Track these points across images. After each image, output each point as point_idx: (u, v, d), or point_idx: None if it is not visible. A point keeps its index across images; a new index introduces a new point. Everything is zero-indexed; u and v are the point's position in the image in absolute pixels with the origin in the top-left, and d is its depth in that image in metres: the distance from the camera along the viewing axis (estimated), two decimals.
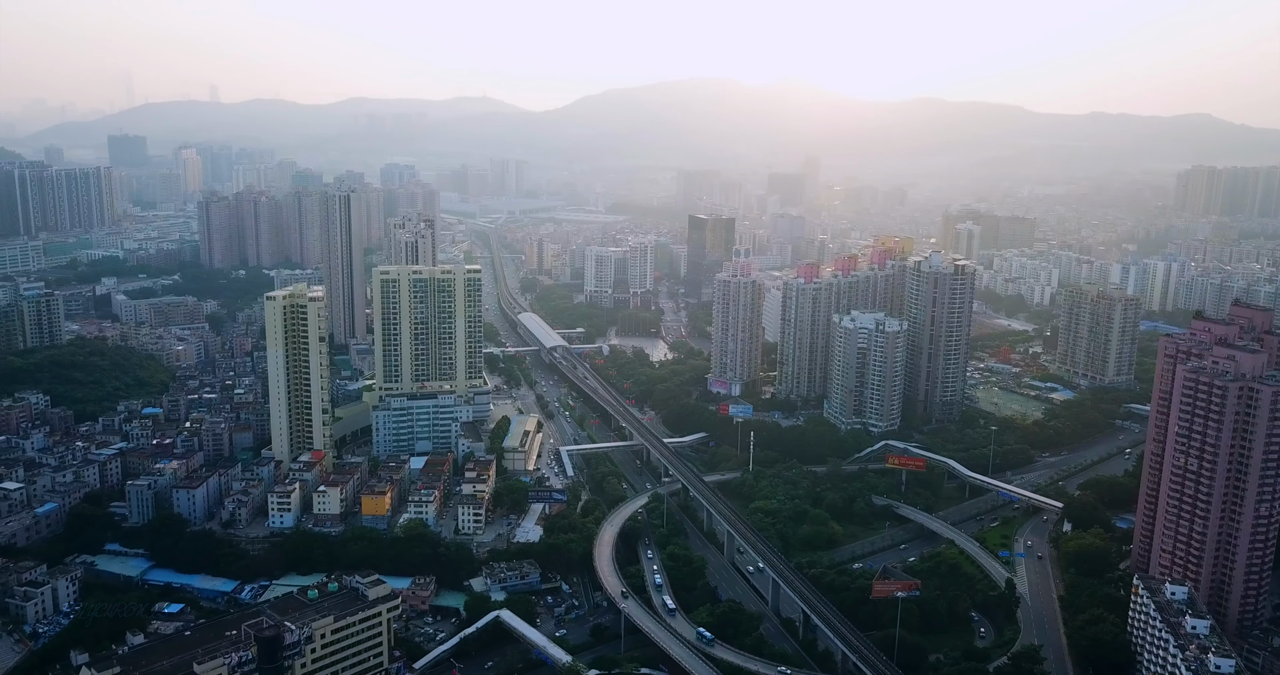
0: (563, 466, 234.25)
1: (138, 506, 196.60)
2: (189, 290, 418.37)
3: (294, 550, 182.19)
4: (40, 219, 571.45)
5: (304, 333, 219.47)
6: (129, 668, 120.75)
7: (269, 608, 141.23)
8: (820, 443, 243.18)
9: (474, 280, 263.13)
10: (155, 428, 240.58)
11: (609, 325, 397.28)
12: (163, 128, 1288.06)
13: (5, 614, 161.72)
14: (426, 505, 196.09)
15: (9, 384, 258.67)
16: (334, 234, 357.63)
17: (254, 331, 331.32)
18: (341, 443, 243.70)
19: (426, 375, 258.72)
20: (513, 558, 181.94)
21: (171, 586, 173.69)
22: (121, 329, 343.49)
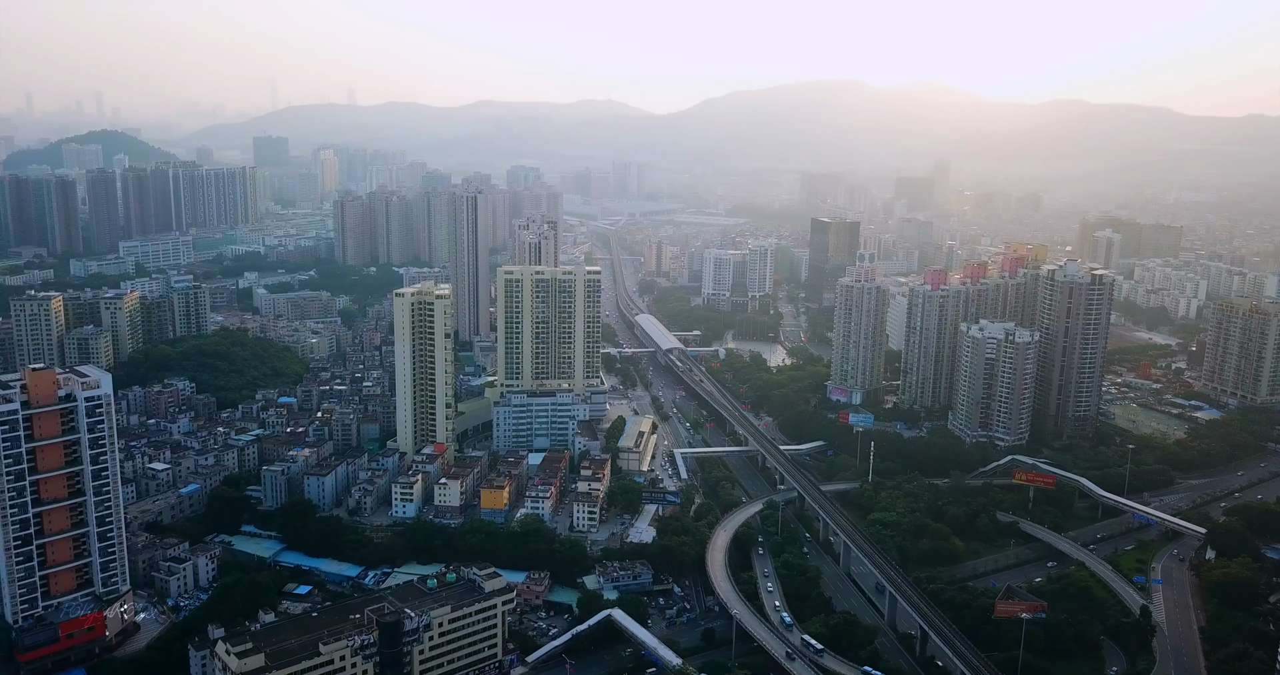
0: (677, 469, 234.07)
1: (272, 491, 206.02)
2: (324, 285, 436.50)
3: (415, 540, 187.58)
4: (191, 215, 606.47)
5: (430, 329, 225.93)
6: (261, 643, 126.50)
7: (390, 594, 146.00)
8: (943, 455, 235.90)
9: (594, 281, 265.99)
10: (289, 416, 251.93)
11: (726, 329, 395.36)
12: (303, 130, 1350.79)
13: (151, 587, 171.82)
14: (543, 501, 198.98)
15: (160, 371, 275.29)
16: (461, 233, 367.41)
17: (383, 326, 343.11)
18: (463, 437, 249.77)
19: (546, 373, 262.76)
20: (625, 557, 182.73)
21: (301, 569, 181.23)
22: (261, 321, 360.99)
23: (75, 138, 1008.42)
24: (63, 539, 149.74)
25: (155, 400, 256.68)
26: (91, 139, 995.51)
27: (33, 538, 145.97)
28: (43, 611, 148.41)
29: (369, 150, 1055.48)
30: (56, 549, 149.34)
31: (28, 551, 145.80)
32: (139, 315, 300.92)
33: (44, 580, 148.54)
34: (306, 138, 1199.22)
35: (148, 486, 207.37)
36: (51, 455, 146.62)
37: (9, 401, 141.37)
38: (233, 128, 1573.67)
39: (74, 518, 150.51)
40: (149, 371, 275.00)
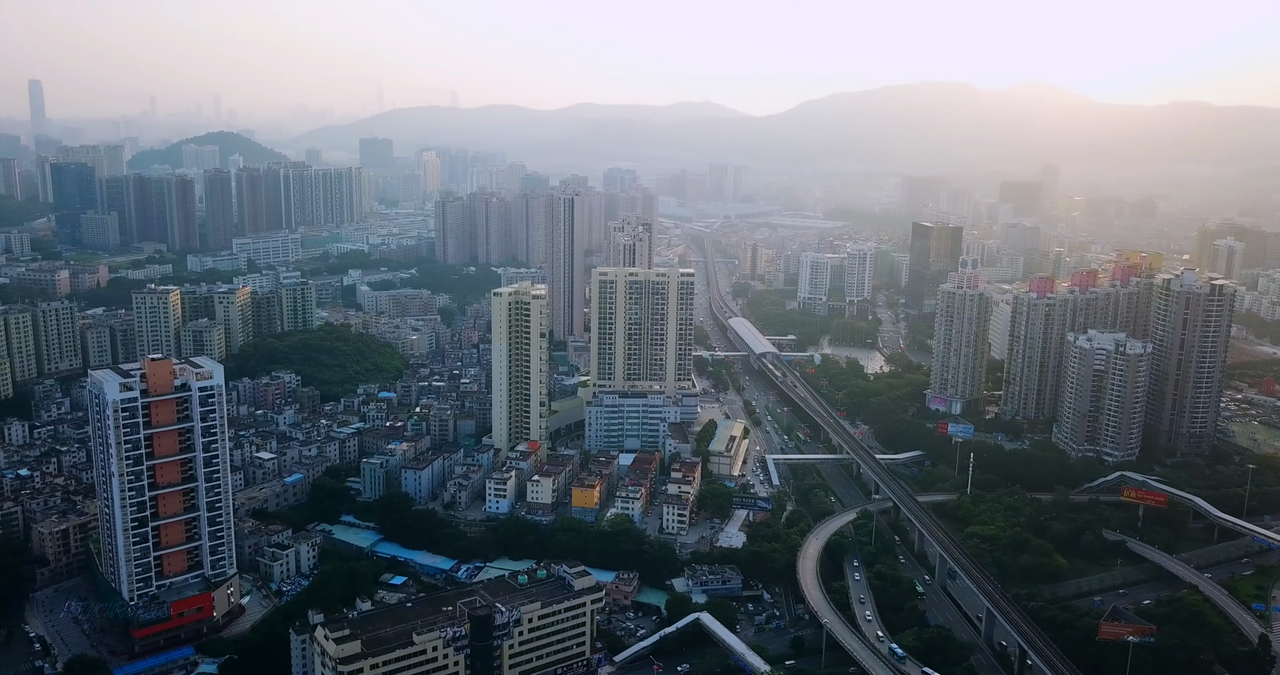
0: (768, 475, 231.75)
1: (370, 483, 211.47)
2: (424, 284, 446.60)
3: (507, 535, 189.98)
4: (299, 214, 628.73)
5: (526, 328, 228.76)
6: (357, 631, 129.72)
7: (482, 588, 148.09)
8: (1046, 469, 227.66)
9: (687, 283, 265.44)
10: (389, 411, 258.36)
11: (822, 333, 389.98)
12: (408, 131, 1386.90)
13: (256, 571, 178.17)
14: (633, 502, 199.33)
15: (268, 363, 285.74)
16: (557, 235, 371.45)
17: (481, 325, 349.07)
18: (556, 435, 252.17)
19: (638, 375, 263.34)
20: (715, 561, 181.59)
21: (397, 560, 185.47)
22: (364, 317, 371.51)
23: (194, 139, 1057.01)
24: (175, 522, 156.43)
25: (263, 392, 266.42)
26: (209, 140, 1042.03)
27: (148, 519, 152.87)
28: (156, 590, 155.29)
29: (470, 152, 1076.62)
30: (170, 531, 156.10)
31: (144, 533, 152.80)
32: (250, 310, 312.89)
33: (158, 561, 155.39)
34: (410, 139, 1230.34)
35: (254, 475, 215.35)
36: (167, 442, 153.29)
37: (130, 389, 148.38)
38: (341, 129, 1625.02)
39: (186, 502, 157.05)
40: (258, 364, 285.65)
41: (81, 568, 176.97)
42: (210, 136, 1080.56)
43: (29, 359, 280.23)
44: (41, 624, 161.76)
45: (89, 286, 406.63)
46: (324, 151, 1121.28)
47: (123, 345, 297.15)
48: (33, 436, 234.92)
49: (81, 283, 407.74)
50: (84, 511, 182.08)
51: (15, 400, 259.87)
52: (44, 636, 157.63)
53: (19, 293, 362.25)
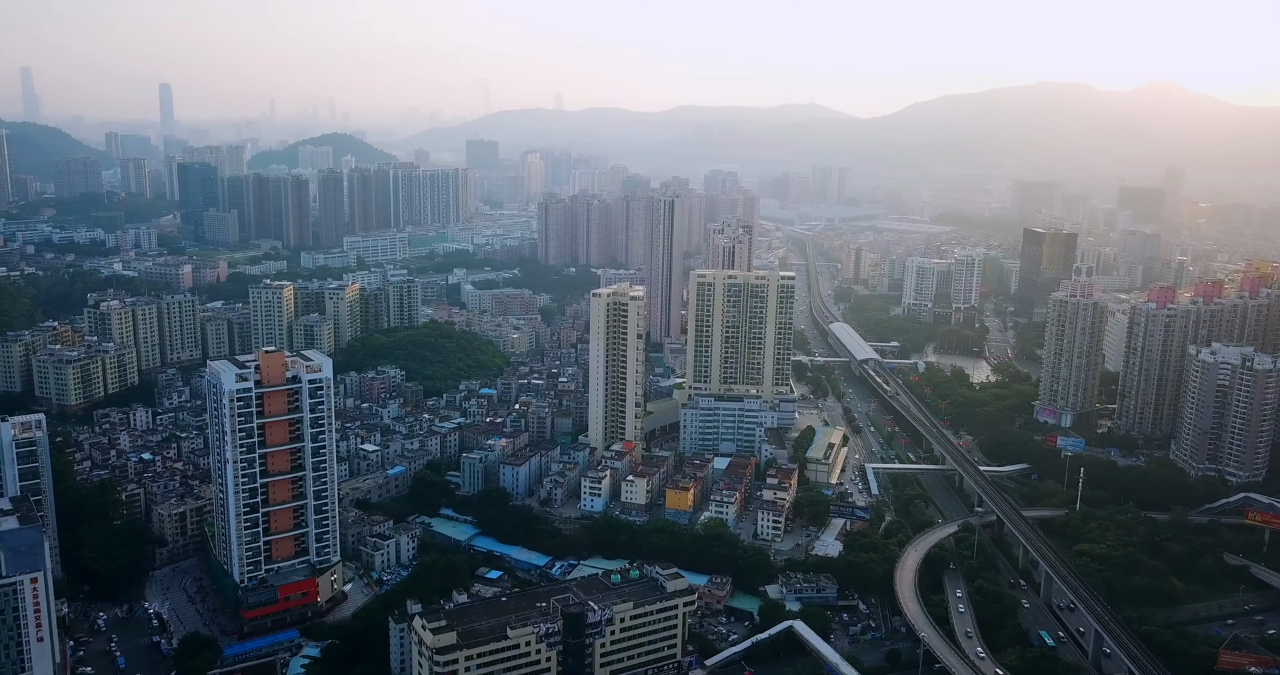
0: (867, 484, 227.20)
1: (469, 477, 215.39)
2: (525, 283, 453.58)
3: (601, 534, 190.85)
4: (408, 214, 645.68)
5: (623, 329, 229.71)
6: (454, 622, 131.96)
7: (576, 586, 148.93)
8: (1163, 487, 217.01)
9: (787, 287, 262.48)
10: (489, 407, 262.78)
11: (926, 341, 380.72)
12: (513, 134, 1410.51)
13: (358, 560, 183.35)
14: (728, 506, 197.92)
15: (374, 358, 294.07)
16: (657, 237, 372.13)
17: (579, 325, 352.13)
18: (651, 436, 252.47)
19: (735, 378, 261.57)
20: (810, 569, 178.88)
21: (493, 554, 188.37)
22: (467, 315, 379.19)
23: (310, 140, 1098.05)
24: (284, 509, 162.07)
25: (369, 385, 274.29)
26: (324, 141, 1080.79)
27: (259, 506, 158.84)
28: (265, 574, 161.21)
29: (573, 154, 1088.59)
30: (278, 518, 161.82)
31: (254, 518, 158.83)
32: (358, 306, 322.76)
33: (267, 546, 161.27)
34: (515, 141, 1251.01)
35: (359, 466, 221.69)
36: (278, 431, 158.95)
37: (245, 380, 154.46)
38: (448, 131, 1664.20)
39: (294, 490, 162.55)
40: (365, 358, 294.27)
41: (197, 549, 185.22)
42: (325, 138, 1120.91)
43: (154, 349, 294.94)
44: (159, 601, 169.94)
45: (209, 281, 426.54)
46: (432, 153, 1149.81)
47: (239, 337, 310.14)
48: (155, 422, 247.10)
49: (203, 277, 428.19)
50: (200, 496, 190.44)
51: (140, 388, 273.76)
52: (161, 613, 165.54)
53: (146, 286, 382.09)
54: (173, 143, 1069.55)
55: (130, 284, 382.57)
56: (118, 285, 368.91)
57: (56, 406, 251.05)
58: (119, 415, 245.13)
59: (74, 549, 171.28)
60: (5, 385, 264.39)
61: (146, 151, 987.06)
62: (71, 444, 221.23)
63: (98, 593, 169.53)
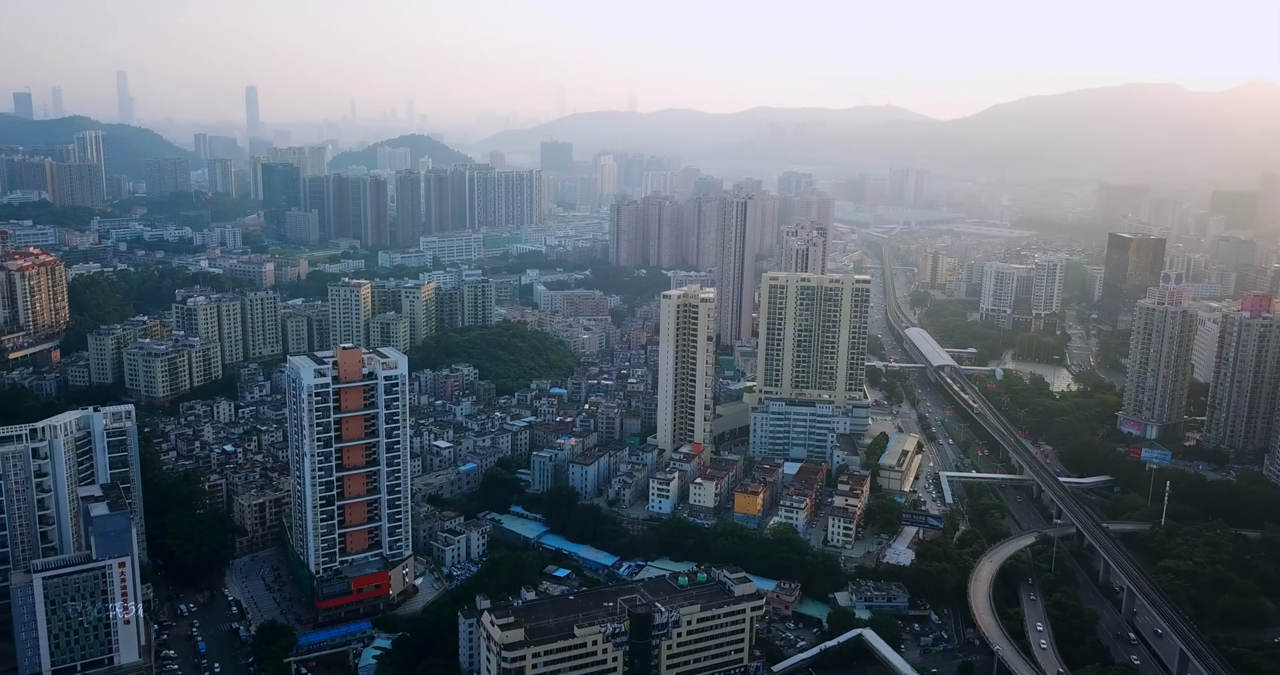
0: (941, 492, 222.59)
1: (539, 476, 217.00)
2: (597, 284, 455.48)
3: (669, 536, 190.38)
4: (482, 215, 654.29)
5: (694, 331, 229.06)
6: (522, 619, 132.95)
7: (643, 587, 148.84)
8: (1255, 503, 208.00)
9: (862, 291, 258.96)
10: (559, 406, 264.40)
11: (1005, 348, 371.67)
12: (586, 136, 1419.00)
13: (429, 554, 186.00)
14: (797, 511, 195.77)
15: (448, 356, 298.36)
16: (729, 239, 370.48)
17: (649, 326, 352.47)
18: (720, 439, 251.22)
19: (806, 383, 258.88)
20: (880, 577, 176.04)
21: (561, 553, 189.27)
22: (539, 315, 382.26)
23: (388, 141, 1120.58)
24: (358, 503, 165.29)
25: (443, 383, 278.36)
26: (402, 143, 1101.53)
27: (335, 498, 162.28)
28: (339, 566, 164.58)
29: (646, 156, 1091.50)
30: (353, 511, 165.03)
31: (330, 510, 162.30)
32: (433, 304, 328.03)
33: (341, 538, 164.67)
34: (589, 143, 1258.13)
35: (431, 462, 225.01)
36: (354, 426, 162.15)
37: (323, 375, 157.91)
38: (523, 133, 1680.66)
39: (369, 484, 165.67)
40: (439, 356, 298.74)
41: (275, 539, 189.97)
42: (403, 139, 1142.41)
43: (237, 344, 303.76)
44: (239, 589, 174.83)
45: (290, 278, 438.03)
46: (507, 155, 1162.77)
47: (318, 334, 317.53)
48: (238, 415, 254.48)
49: (284, 275, 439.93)
50: (279, 487, 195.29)
51: (224, 381, 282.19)
52: (240, 600, 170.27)
53: (230, 282, 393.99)
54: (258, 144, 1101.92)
55: (216, 281, 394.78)
56: (204, 282, 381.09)
57: (145, 398, 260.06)
58: (203, 408, 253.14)
59: (159, 536, 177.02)
60: (98, 377, 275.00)
61: (233, 152, 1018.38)
62: (158, 435, 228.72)
63: (181, 579, 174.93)
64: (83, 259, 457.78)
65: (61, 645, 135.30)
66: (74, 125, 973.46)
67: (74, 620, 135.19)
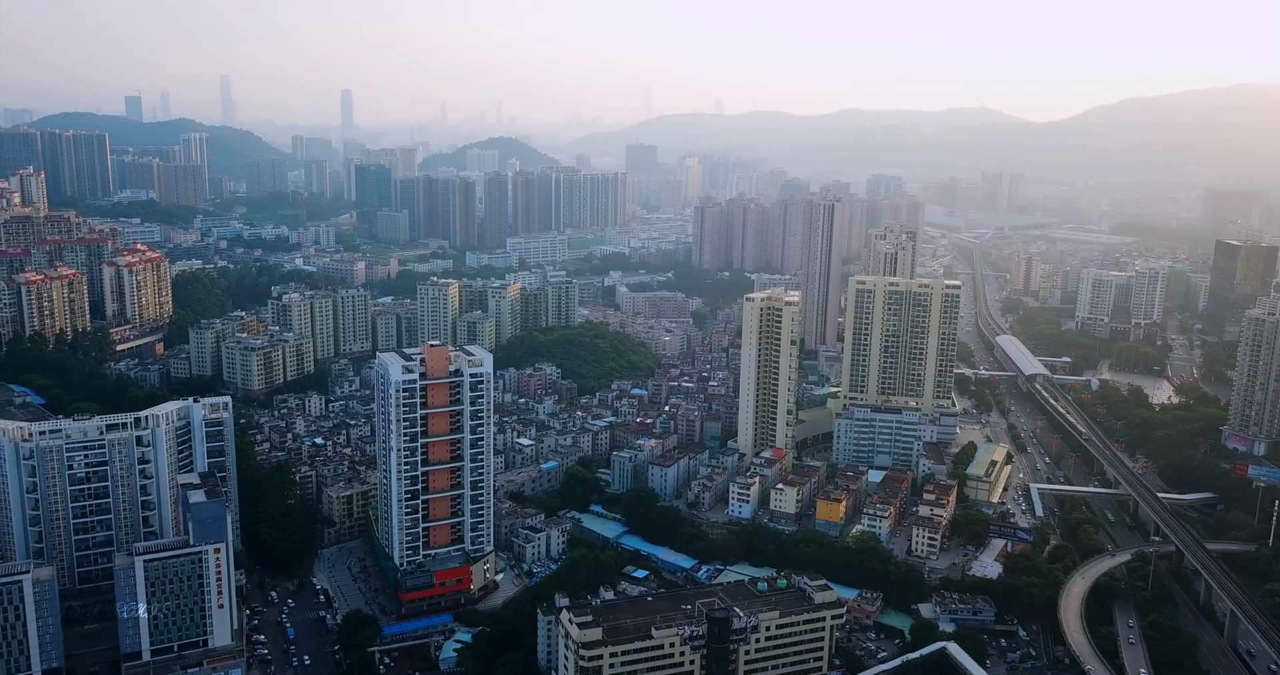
0: (1031, 505, 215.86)
1: (619, 476, 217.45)
2: (679, 287, 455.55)
3: (749, 540, 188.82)
4: (568, 216, 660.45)
5: (777, 335, 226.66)
6: (600, 618, 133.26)
7: (722, 590, 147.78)
8: None
9: (952, 296, 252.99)
10: (640, 407, 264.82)
11: (1101, 357, 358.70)
12: (672, 138, 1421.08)
13: (509, 551, 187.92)
14: (881, 520, 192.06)
15: (532, 355, 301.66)
16: (815, 242, 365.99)
17: (731, 329, 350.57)
18: (802, 445, 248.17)
19: (893, 389, 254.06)
20: (966, 590, 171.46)
21: (640, 553, 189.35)
22: (621, 317, 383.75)
23: (477, 143, 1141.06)
24: (442, 497, 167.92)
25: (526, 382, 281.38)
26: (490, 145, 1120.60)
27: (419, 493, 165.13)
28: (422, 559, 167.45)
29: (731, 158, 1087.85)
30: (437, 506, 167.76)
31: (415, 505, 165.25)
32: (518, 304, 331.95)
33: (425, 532, 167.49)
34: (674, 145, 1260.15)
35: (514, 459, 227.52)
36: (439, 422, 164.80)
37: (410, 372, 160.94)
38: (609, 136, 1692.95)
39: (453, 479, 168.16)
40: (523, 355, 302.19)
41: (361, 531, 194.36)
42: (491, 141, 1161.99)
43: (328, 340, 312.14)
44: (326, 578, 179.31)
45: (381, 277, 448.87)
46: (593, 157, 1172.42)
47: (407, 331, 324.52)
48: (328, 409, 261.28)
49: (375, 273, 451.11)
50: (366, 481, 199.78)
51: (315, 376, 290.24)
52: (327, 589, 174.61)
53: (323, 280, 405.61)
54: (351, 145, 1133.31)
55: (309, 278, 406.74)
56: (298, 279, 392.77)
57: (241, 390, 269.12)
58: (295, 401, 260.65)
59: (252, 524, 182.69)
60: (198, 369, 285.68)
61: (328, 154, 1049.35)
62: (253, 426, 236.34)
63: (272, 567, 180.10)
64: (186, 256, 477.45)
65: (160, 626, 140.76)
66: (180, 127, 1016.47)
67: (171, 602, 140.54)
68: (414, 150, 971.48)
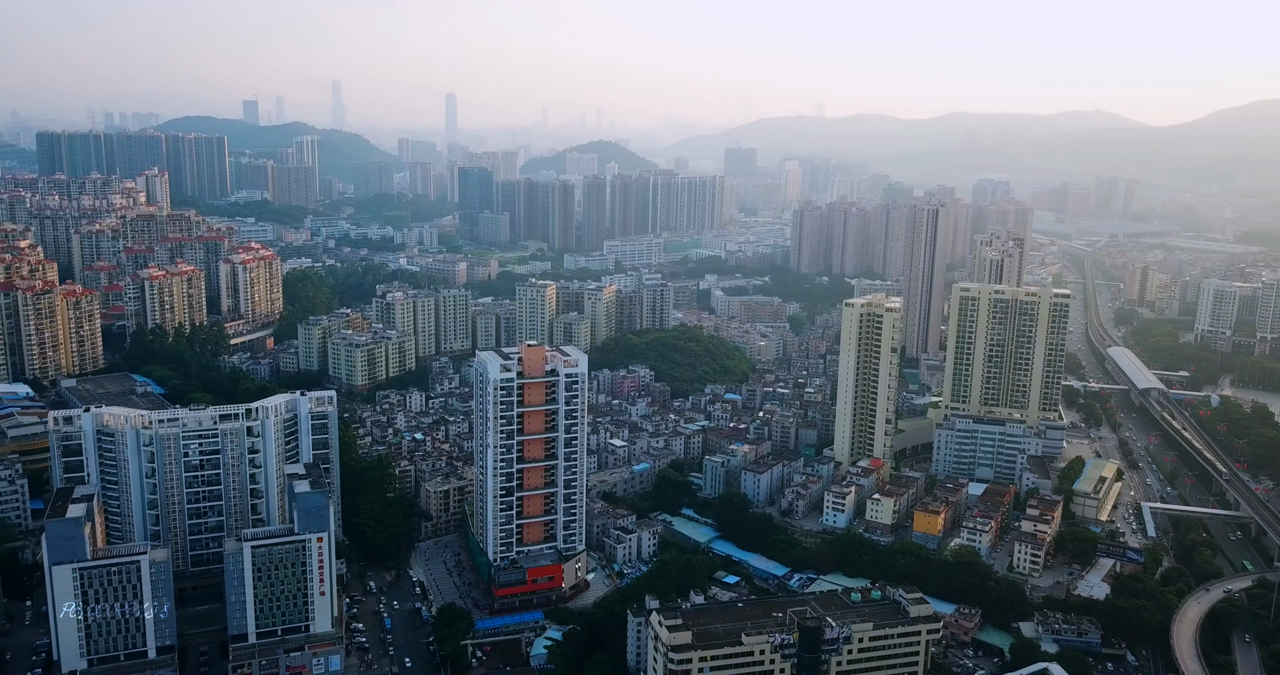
0: (1143, 524, 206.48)
1: (711, 480, 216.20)
2: (776, 291, 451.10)
3: (843, 550, 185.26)
4: (664, 219, 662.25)
5: (877, 341, 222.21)
6: (689, 622, 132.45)
7: (814, 600, 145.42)
8: None
9: (1060, 305, 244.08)
10: (733, 412, 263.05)
11: (1222, 372, 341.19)
12: (772, 141, 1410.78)
13: (601, 551, 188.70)
14: (981, 534, 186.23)
15: (626, 357, 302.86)
16: (918, 247, 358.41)
17: (829, 335, 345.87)
18: (900, 455, 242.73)
19: (996, 400, 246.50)
20: (1070, 610, 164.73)
21: (731, 559, 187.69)
22: (716, 321, 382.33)
23: (577, 147, 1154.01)
24: (536, 495, 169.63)
25: (619, 383, 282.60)
26: (590, 149, 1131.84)
27: (514, 490, 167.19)
28: (515, 556, 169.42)
29: (832, 162, 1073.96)
30: (530, 503, 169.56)
31: (509, 501, 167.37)
32: (614, 306, 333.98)
33: (518, 529, 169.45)
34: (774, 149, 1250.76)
35: (606, 459, 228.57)
36: (535, 420, 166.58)
37: (508, 371, 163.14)
38: (708, 139, 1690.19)
39: (546, 478, 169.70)
40: (617, 357, 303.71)
41: (457, 526, 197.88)
42: (591, 145, 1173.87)
43: (429, 338, 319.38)
44: (422, 571, 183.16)
45: (481, 278, 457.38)
46: (691, 160, 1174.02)
47: (505, 331, 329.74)
48: (428, 405, 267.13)
49: (476, 274, 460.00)
50: (463, 477, 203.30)
51: (416, 373, 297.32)
52: (423, 582, 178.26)
53: (426, 280, 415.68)
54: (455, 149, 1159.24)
55: (413, 278, 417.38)
56: (402, 278, 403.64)
57: (345, 385, 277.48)
58: (397, 397, 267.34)
59: (353, 516, 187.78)
60: (305, 364, 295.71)
61: (432, 156, 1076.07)
62: (356, 420, 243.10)
63: (371, 557, 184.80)
64: (296, 254, 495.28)
65: (265, 610, 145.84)
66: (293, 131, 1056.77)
67: (276, 587, 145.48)
68: (515, 154, 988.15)
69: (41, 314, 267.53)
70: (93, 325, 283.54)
